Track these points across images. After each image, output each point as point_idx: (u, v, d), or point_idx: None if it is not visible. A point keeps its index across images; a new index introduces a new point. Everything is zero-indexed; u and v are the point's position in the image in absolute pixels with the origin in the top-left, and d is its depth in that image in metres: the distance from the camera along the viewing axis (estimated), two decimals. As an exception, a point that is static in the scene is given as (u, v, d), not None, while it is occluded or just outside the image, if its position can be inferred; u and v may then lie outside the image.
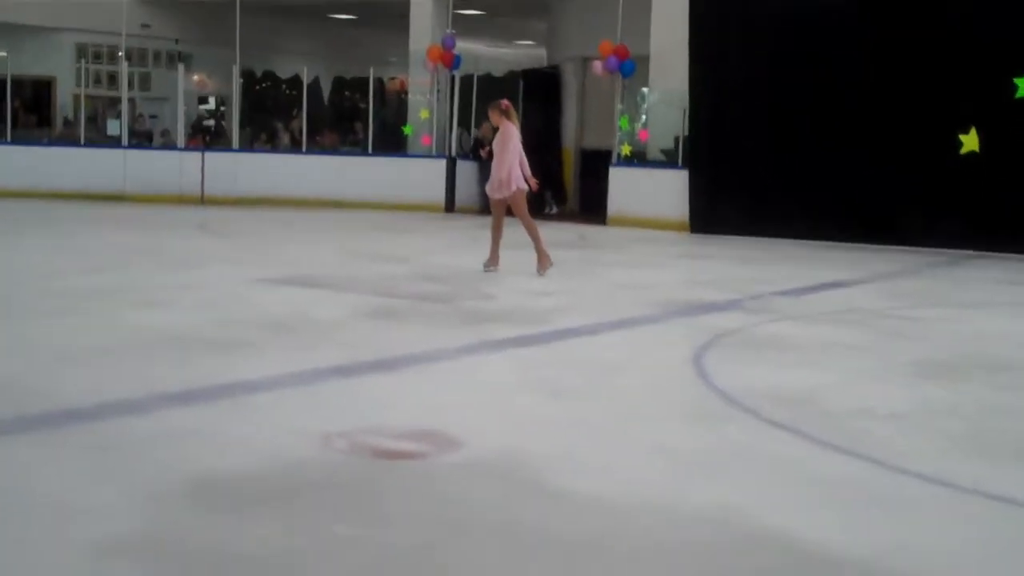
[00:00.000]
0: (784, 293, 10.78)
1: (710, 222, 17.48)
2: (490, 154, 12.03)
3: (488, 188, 11.62)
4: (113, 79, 24.96)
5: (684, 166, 18.15)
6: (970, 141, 14.82)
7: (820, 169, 16.60)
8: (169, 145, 22.12)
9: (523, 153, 11.52)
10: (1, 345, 6.92)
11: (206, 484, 4.29)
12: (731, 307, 9.69)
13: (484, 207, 15.85)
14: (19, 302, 8.71)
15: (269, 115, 24.96)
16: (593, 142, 22.27)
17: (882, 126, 16.18)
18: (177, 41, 26.33)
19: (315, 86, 24.93)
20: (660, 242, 16.23)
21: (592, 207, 20.52)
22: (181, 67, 22.47)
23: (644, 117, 20.96)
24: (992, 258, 15.09)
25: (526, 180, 11.42)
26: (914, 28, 15.96)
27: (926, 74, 15.86)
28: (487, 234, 11.76)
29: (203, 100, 27.62)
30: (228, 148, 22.12)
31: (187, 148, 21.50)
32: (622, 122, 19.30)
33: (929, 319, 9.54)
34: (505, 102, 11.72)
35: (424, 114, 21.31)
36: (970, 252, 15.48)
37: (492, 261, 11.55)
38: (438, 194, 20.81)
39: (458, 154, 21.26)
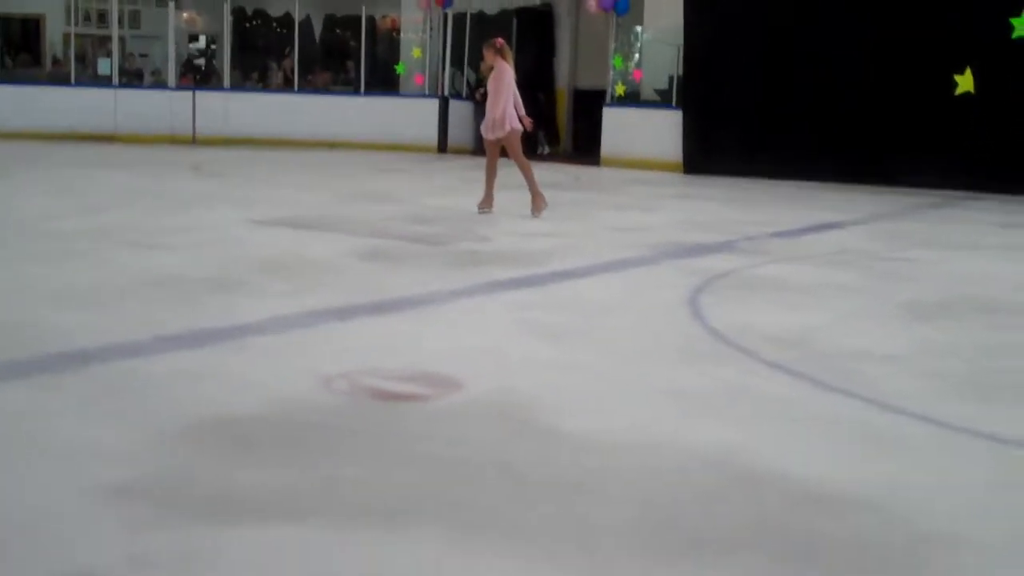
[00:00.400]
0: (778, 234, 10.82)
1: (704, 163, 17.50)
2: (484, 96, 11.99)
3: (483, 128, 11.60)
4: (103, 17, 24.71)
5: (678, 106, 18.13)
6: (965, 81, 14.79)
7: (814, 109, 16.62)
8: (160, 84, 21.99)
9: (517, 93, 11.49)
10: (2, 287, 6.94)
11: (211, 426, 4.34)
12: (725, 248, 9.73)
13: (479, 147, 15.82)
14: (13, 244, 8.72)
15: (260, 54, 24.77)
16: (587, 82, 22.21)
17: (877, 66, 16.17)
18: (167, -23, 26.04)
19: (306, 24, 24.73)
20: (654, 183, 16.24)
21: (586, 147, 20.50)
22: (171, 4, 22.25)
23: (638, 56, 20.89)
24: (986, 199, 15.13)
25: (520, 120, 11.40)
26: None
27: (921, 15, 15.84)
28: (481, 175, 11.76)
29: (194, 38, 27.38)
30: (219, 87, 22.00)
31: (178, 88, 21.37)
32: (616, 61, 19.23)
33: (923, 260, 9.59)
34: (499, 41, 11.67)
35: (416, 53, 21.20)
36: (965, 193, 15.52)
37: (486, 202, 11.56)
38: (431, 134, 20.77)
39: (451, 93, 21.17)
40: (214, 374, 5.11)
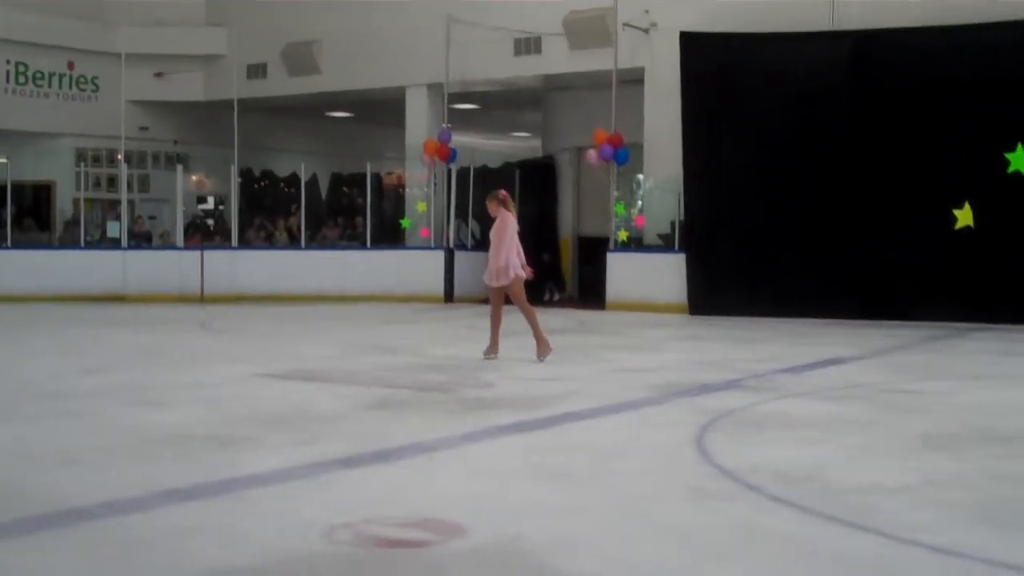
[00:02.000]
0: (785, 371, 10.78)
1: (709, 304, 17.54)
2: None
3: (486, 277, 11.68)
4: (112, 181, 25.16)
5: (681, 250, 18.26)
6: (964, 216, 14.96)
7: (816, 248, 16.72)
8: (168, 245, 22.25)
9: (519, 242, 11.59)
10: (1, 448, 6.90)
11: (208, 579, 4.26)
12: (732, 387, 9.68)
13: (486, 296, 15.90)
14: (19, 404, 8.69)
15: (267, 212, 25.14)
16: (590, 229, 22.45)
17: (876, 203, 16.34)
18: (175, 142, 26.59)
19: (313, 183, 25.15)
20: (659, 325, 16.25)
21: (591, 293, 20.63)
22: (180, 168, 22.69)
23: (640, 203, 21.14)
24: (990, 330, 15.12)
25: (522, 267, 11.49)
26: (905, 106, 16.18)
27: (918, 151, 16.06)
28: (486, 323, 11.79)
29: (202, 200, 27.81)
30: (227, 246, 22.27)
31: (186, 247, 21.62)
32: (618, 209, 19.47)
33: (931, 392, 9.52)
34: (502, 192, 11.84)
35: (421, 207, 21.49)
36: (968, 325, 15.50)
37: (492, 349, 11.57)
38: (437, 284, 20.92)
39: (456, 245, 21.39)
40: (212, 528, 5.03)
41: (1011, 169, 14.88)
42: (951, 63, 15.89)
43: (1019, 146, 15.18)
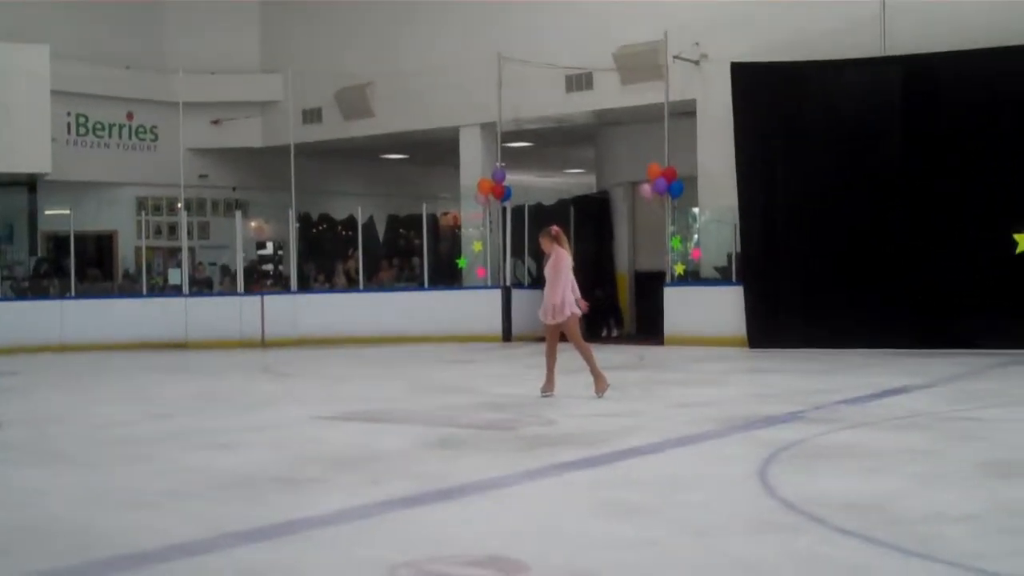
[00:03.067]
0: (847, 401, 10.71)
1: (768, 336, 17.42)
2: None
3: (541, 314, 11.70)
4: (173, 229, 25.58)
5: (738, 282, 18.18)
6: (1024, 240, 14.77)
7: (874, 276, 16.59)
8: (229, 291, 22.50)
9: (574, 278, 11.61)
10: (72, 493, 7.01)
11: (278, 619, 4.31)
12: (794, 419, 9.63)
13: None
14: (88, 450, 8.84)
15: (326, 256, 25.39)
16: (646, 263, 22.44)
17: (933, 230, 16.20)
18: (234, 189, 27.00)
19: (370, 225, 25.37)
20: (718, 359, 16.18)
21: (649, 328, 20.59)
22: (239, 214, 22.98)
23: (696, 236, 21.11)
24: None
25: (577, 303, 11.50)
26: (959, 130, 16.07)
27: (975, 175, 15.93)
28: (544, 360, 11.81)
29: (261, 245, 28.15)
30: (287, 290, 22.51)
31: (247, 293, 21.86)
32: (674, 242, 19.44)
33: (994, 419, 9.42)
34: (555, 228, 11.85)
35: (477, 246, 21.59)
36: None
37: (548, 386, 11.58)
38: (495, 324, 20.96)
39: (513, 283, 21.45)
40: (279, 568, 5.09)
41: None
42: (1004, 85, 15.78)
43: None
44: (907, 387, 11.95)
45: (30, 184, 24.29)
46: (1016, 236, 14.76)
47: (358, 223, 22.43)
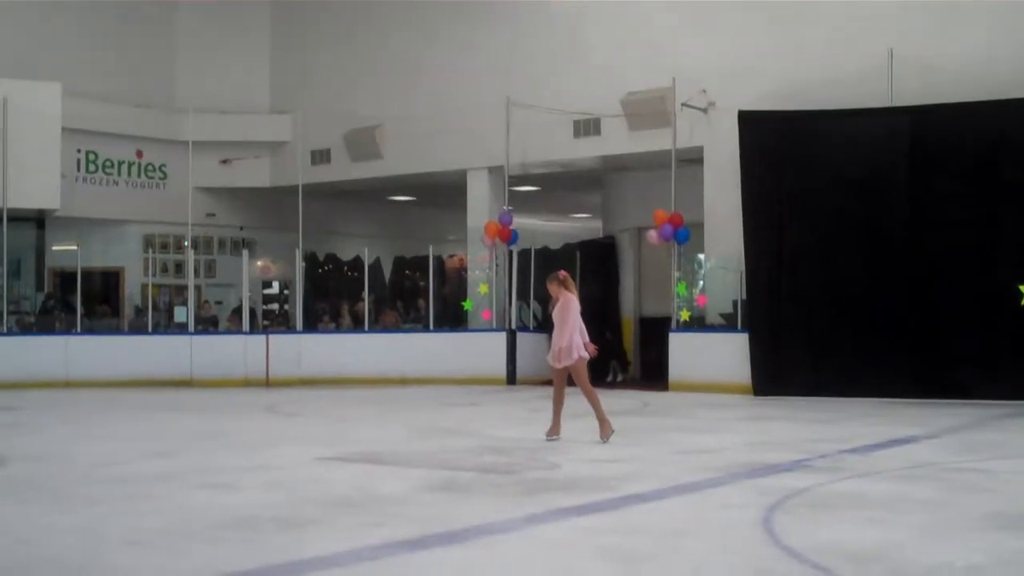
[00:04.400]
0: (852, 450, 10.67)
1: (773, 384, 17.38)
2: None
3: (549, 357, 11.71)
4: (179, 267, 25.64)
5: (744, 329, 18.15)
6: (1030, 292, 14.76)
7: (881, 327, 16.57)
8: (234, 330, 22.50)
9: (582, 322, 11.62)
10: (70, 531, 6.99)
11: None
12: (798, 467, 9.59)
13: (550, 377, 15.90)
14: (87, 487, 8.80)
15: (332, 297, 25.41)
16: (652, 309, 22.46)
17: (940, 281, 16.20)
18: (241, 228, 27.09)
19: (376, 266, 25.40)
20: (723, 406, 16.13)
21: (654, 373, 20.54)
22: (245, 253, 23.02)
23: (701, 283, 21.12)
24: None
25: (585, 347, 11.50)
26: (965, 182, 16.10)
27: (980, 227, 15.93)
28: (550, 405, 11.79)
29: (267, 284, 28.19)
30: (292, 330, 22.51)
31: (252, 332, 21.86)
32: (679, 288, 19.44)
33: (1000, 471, 9.38)
34: (562, 273, 11.89)
35: (483, 289, 21.61)
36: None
37: (553, 430, 11.56)
38: (500, 367, 20.93)
39: (518, 326, 21.44)
40: (281, 609, 5.07)
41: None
42: (1011, 137, 15.83)
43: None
44: (911, 437, 11.91)
45: (38, 220, 24.40)
46: (1021, 287, 14.74)
47: (365, 264, 22.47)
